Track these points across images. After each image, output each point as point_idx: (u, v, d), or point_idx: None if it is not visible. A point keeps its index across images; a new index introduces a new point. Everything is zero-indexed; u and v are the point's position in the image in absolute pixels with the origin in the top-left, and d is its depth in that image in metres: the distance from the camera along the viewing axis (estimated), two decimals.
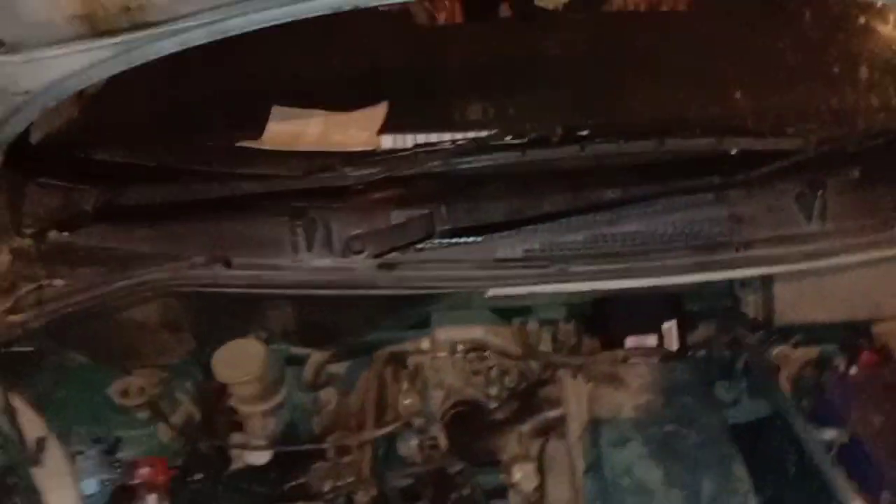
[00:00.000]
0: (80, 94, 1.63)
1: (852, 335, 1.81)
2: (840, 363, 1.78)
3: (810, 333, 1.82)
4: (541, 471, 1.59)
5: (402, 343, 1.83)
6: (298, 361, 1.83)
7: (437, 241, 1.47)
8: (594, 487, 1.45)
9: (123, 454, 1.76)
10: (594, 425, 1.52)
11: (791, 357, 1.83)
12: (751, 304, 1.65)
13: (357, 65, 2.00)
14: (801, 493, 1.59)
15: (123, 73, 1.19)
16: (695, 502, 1.35)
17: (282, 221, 1.48)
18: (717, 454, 1.43)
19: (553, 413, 1.61)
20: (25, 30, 1.08)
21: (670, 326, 1.80)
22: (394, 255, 1.48)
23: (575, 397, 1.58)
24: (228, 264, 1.47)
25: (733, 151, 1.56)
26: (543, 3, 2.34)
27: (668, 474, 1.40)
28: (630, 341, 1.78)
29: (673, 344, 1.79)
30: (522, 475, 1.52)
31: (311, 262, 1.47)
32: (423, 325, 1.81)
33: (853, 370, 1.69)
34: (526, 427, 1.61)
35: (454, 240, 1.48)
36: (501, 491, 1.60)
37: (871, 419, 1.53)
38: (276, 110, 1.86)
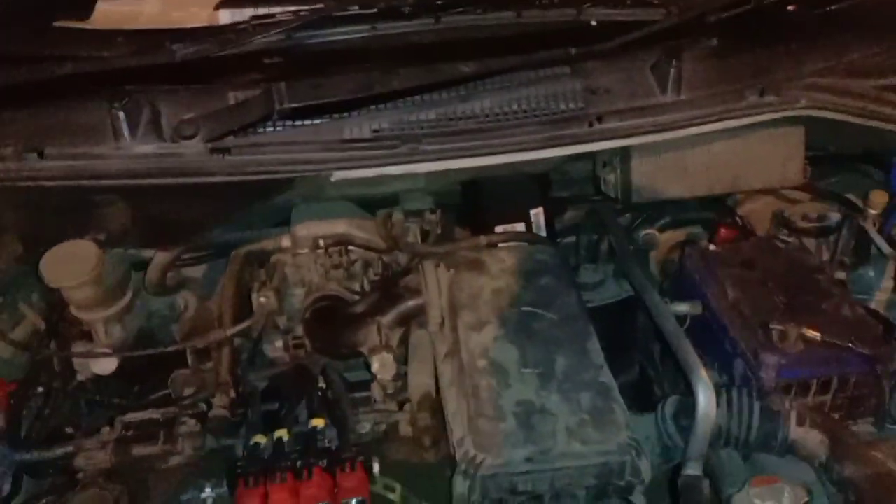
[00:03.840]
0: None
1: (716, 214, 1.84)
2: (703, 242, 1.80)
3: (677, 215, 1.83)
4: (404, 360, 1.55)
5: (260, 241, 1.74)
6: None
7: (277, 122, 1.35)
8: (453, 371, 1.42)
9: None
10: (453, 311, 1.47)
11: (659, 239, 1.84)
12: (611, 184, 1.62)
13: None
14: (657, 368, 1.62)
15: None
16: (548, 378, 1.34)
17: (100, 105, 1.33)
18: (571, 332, 1.42)
19: (413, 302, 1.56)
20: None
21: (538, 213, 1.77)
22: (230, 139, 1.35)
23: (434, 285, 1.53)
24: (41, 154, 1.31)
25: (593, 22, 1.49)
26: None
27: (523, 354, 1.38)
28: (499, 230, 1.75)
29: (541, 230, 1.77)
30: (380, 364, 1.48)
31: (135, 149, 1.33)
32: (284, 223, 1.72)
33: (711, 246, 1.70)
34: (387, 317, 1.55)
35: (297, 121, 1.36)
36: (367, 383, 1.56)
37: (726, 292, 1.55)
38: None
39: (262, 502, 1.27)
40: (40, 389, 1.58)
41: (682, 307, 1.51)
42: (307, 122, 1.38)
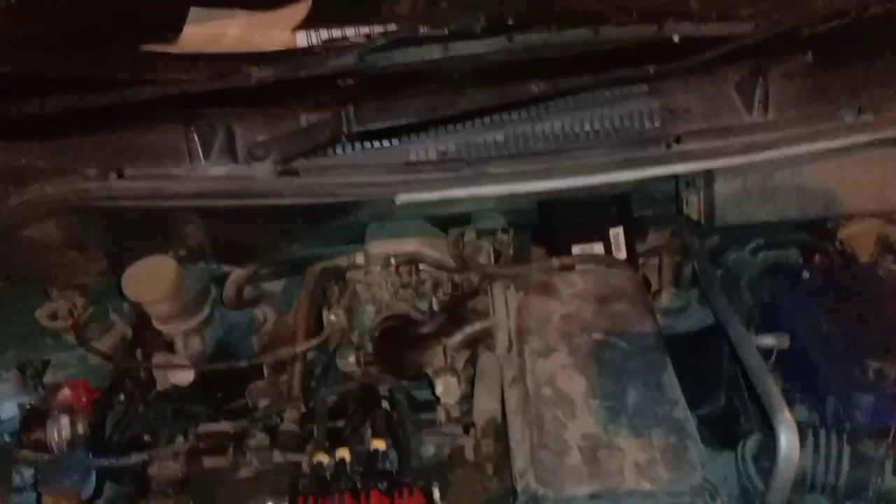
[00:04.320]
0: None
1: (813, 238, 1.72)
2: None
3: (771, 238, 1.72)
4: (471, 383, 1.52)
5: (335, 258, 1.75)
6: None
7: (345, 144, 1.35)
8: (518, 398, 1.38)
9: (52, 377, 1.71)
10: (521, 336, 1.43)
11: (750, 263, 1.74)
12: (693, 205, 1.54)
13: None
14: (745, 400, 1.52)
15: None
16: (617, 412, 1.28)
17: (177, 128, 1.37)
18: (645, 363, 1.35)
19: (480, 325, 1.53)
20: None
21: (617, 233, 1.70)
22: (299, 162, 1.36)
23: (502, 308, 1.50)
24: (121, 174, 1.36)
25: (676, 38, 1.42)
26: None
27: (591, 384, 1.32)
28: (576, 250, 1.70)
29: (621, 251, 1.70)
30: (444, 388, 1.45)
31: (208, 171, 1.36)
32: (362, 239, 1.73)
33: (805, 274, 1.59)
34: (452, 339, 1.53)
35: (364, 143, 1.36)
36: (433, 404, 1.54)
37: (819, 323, 1.44)
38: (194, 11, 1.71)
39: None
40: (122, 397, 1.64)
41: (768, 340, 1.41)
42: (374, 144, 1.37)
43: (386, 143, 1.37)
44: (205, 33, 1.70)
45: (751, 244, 1.73)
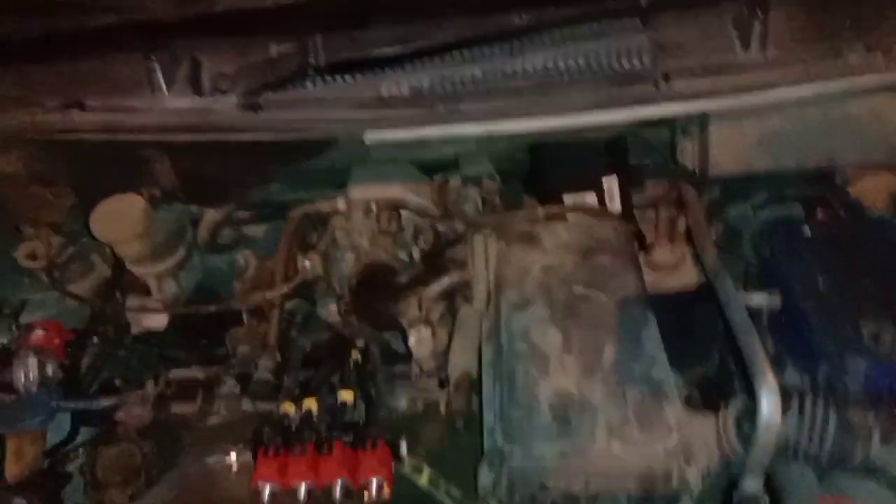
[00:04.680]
0: None
1: (819, 191, 1.61)
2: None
3: (776, 192, 1.62)
4: (449, 335, 1.46)
5: (316, 203, 1.68)
6: None
7: (311, 77, 1.27)
8: (492, 353, 1.32)
9: (28, 318, 1.69)
10: (499, 287, 1.36)
11: (753, 219, 1.64)
12: (688, 153, 1.44)
13: None
14: (732, 364, 1.44)
15: None
16: (592, 369, 1.21)
17: (138, 58, 1.30)
18: (625, 318, 1.28)
19: (458, 275, 1.46)
20: None
21: (611, 181, 1.62)
22: (264, 96, 1.29)
23: (482, 258, 1.43)
24: (82, 107, 1.30)
25: None
26: None
27: (566, 339, 1.25)
28: (568, 200, 1.61)
29: (614, 202, 1.62)
30: (417, 339, 1.39)
31: (171, 103, 1.30)
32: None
33: (806, 229, 1.49)
34: (428, 290, 1.46)
35: (332, 77, 1.28)
36: (406, 358, 1.48)
37: (816, 282, 1.35)
38: None
39: (281, 472, 1.23)
40: (96, 340, 1.60)
41: (758, 298, 1.32)
42: (344, 78, 1.28)
43: (356, 77, 1.29)
44: None
45: (753, 199, 1.63)
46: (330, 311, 1.68)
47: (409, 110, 1.27)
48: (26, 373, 1.48)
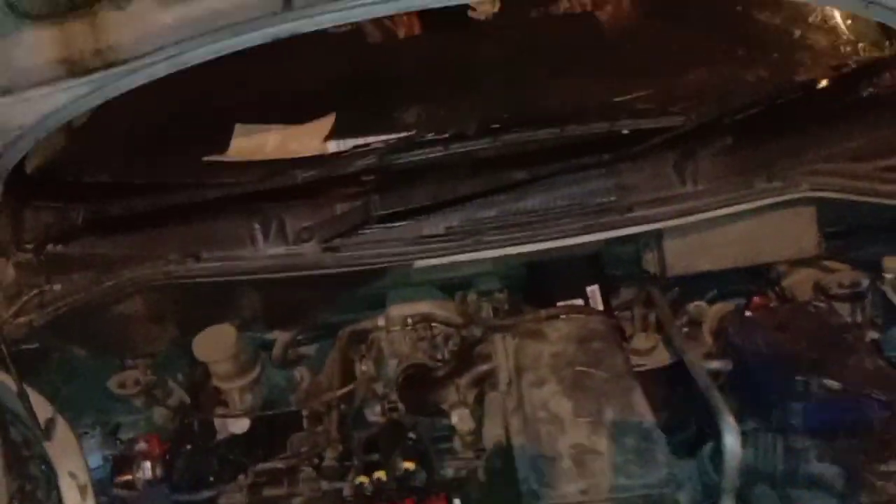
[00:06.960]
0: (67, 126, 1.91)
1: (757, 285, 2.08)
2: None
3: (722, 288, 2.09)
4: (479, 415, 1.85)
5: (361, 322, 2.10)
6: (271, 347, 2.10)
7: (372, 225, 1.75)
8: (519, 423, 1.71)
9: (123, 436, 2.04)
10: (518, 372, 1.78)
11: (708, 312, 2.09)
12: (650, 262, 1.92)
13: (311, 81, 2.28)
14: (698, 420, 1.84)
15: (102, 105, 1.45)
16: (597, 426, 1.60)
17: (241, 219, 1.77)
18: (618, 387, 1.69)
19: (485, 366, 1.88)
20: (15, 74, 1.35)
21: (593, 290, 2.07)
22: (338, 240, 1.75)
23: (502, 352, 1.85)
24: (198, 258, 1.74)
25: (625, 131, 1.84)
26: (475, 14, 2.64)
27: (577, 406, 1.65)
28: (561, 305, 2.05)
29: (598, 304, 2.06)
30: (458, 418, 1.78)
31: (268, 251, 1.75)
32: (381, 305, 2.09)
33: (748, 313, 1.95)
34: (463, 379, 1.87)
35: (387, 224, 1.75)
36: (449, 436, 1.86)
37: (760, 350, 1.78)
38: (238, 127, 2.15)
39: None
40: (188, 446, 1.96)
41: (715, 364, 1.76)
42: (395, 223, 1.76)
43: (404, 222, 1.77)
44: (249, 144, 2.13)
45: (707, 295, 2.09)
46: (375, 411, 2.06)
47: (445, 243, 1.74)
48: (143, 474, 1.83)
